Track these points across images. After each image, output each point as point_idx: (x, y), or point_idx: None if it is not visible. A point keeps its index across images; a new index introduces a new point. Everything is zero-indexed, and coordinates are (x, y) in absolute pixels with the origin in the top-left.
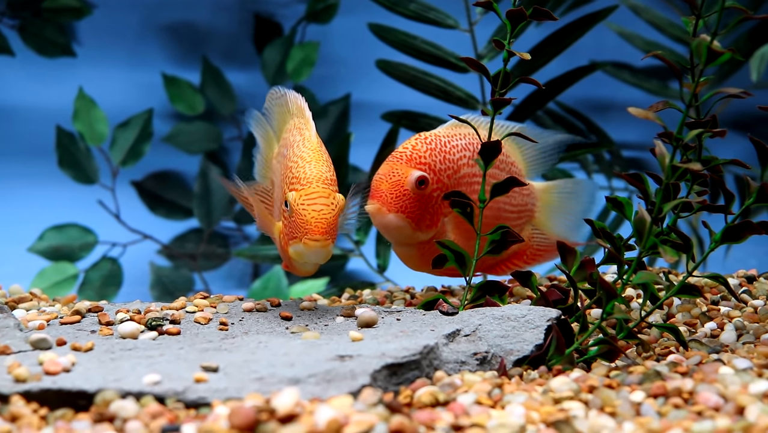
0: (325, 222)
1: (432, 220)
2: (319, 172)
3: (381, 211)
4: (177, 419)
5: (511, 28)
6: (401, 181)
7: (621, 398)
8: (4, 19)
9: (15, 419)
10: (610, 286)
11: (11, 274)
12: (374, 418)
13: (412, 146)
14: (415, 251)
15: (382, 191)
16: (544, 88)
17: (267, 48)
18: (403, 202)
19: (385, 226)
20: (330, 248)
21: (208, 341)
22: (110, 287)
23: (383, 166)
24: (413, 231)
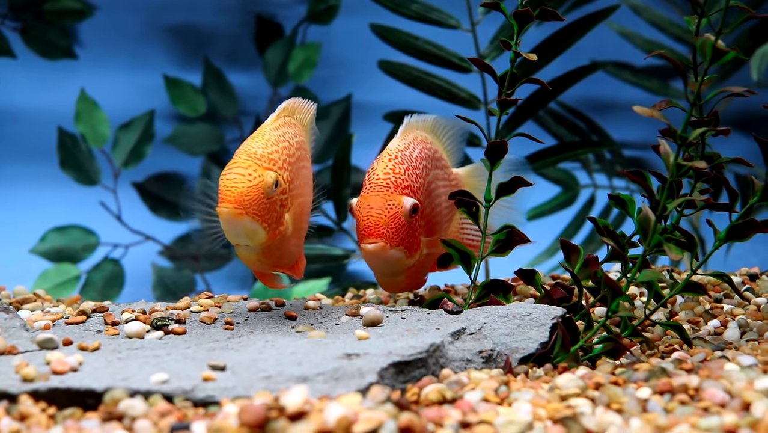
0: (236, 192)
1: (418, 243)
2: (249, 146)
3: (384, 249)
4: (185, 418)
5: (518, 28)
6: (398, 213)
7: (627, 395)
8: (6, 22)
9: (24, 418)
10: (616, 284)
11: (13, 275)
12: (383, 415)
13: (392, 171)
14: (404, 277)
15: (380, 227)
16: (551, 89)
17: (269, 49)
18: (402, 234)
19: (387, 261)
20: (246, 222)
21: (215, 340)
22: (112, 288)
23: (371, 198)
24: (407, 260)
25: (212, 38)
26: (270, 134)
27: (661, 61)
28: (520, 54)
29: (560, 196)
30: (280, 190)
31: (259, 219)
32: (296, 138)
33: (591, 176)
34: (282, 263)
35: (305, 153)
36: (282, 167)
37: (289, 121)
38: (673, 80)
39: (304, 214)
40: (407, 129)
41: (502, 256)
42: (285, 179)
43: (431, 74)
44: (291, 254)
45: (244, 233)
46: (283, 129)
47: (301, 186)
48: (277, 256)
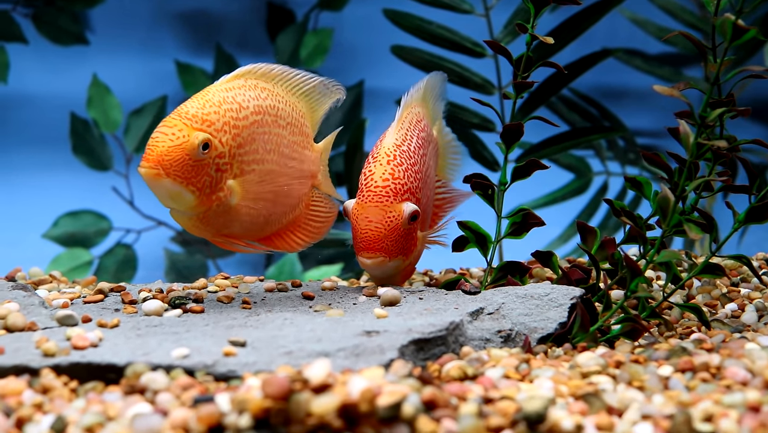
0: (156, 152)
1: (416, 241)
2: (184, 105)
3: (384, 263)
4: (207, 391)
5: (534, 11)
6: (397, 224)
7: (649, 373)
8: (18, 8)
9: (46, 391)
10: (635, 264)
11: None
12: (407, 388)
13: (391, 176)
14: (400, 274)
15: (379, 241)
16: (566, 72)
17: (280, 35)
18: (401, 243)
19: (385, 271)
20: (166, 183)
21: (233, 318)
22: (125, 273)
23: (370, 209)
24: (404, 263)
25: (223, 24)
26: (213, 94)
27: (673, 49)
28: (537, 37)
29: (573, 183)
30: (215, 154)
31: (182, 182)
32: (256, 102)
33: (604, 163)
34: (234, 232)
35: (275, 119)
36: (221, 129)
37: (253, 84)
38: (685, 68)
39: (270, 183)
40: (404, 112)
41: (518, 238)
42: (224, 142)
43: (444, 59)
44: (247, 224)
45: (167, 195)
46: (238, 91)
47: (266, 153)
48: (221, 224)
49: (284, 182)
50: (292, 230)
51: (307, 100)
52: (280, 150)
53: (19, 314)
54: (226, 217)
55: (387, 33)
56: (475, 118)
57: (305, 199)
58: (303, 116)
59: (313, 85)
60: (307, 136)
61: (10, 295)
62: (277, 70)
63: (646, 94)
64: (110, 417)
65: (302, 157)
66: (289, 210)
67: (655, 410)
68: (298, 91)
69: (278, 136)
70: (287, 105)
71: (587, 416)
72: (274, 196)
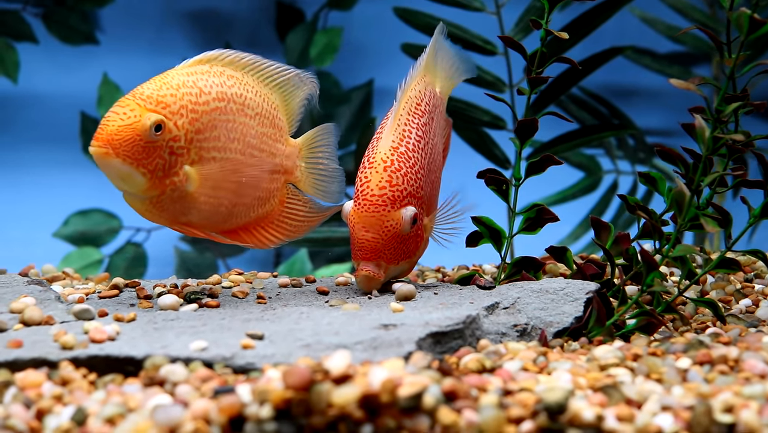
0: (106, 131)
1: (420, 239)
2: (140, 86)
3: (380, 276)
4: (226, 384)
5: (548, 7)
6: (396, 232)
7: (667, 366)
8: (28, 8)
9: (66, 383)
10: (652, 258)
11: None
12: (427, 379)
13: (389, 183)
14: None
15: (377, 252)
16: (581, 68)
17: (290, 34)
18: (402, 248)
19: (386, 278)
20: (115, 163)
21: (249, 313)
22: (135, 271)
23: (366, 218)
24: (409, 264)
25: (233, 23)
26: (173, 77)
27: (682, 48)
28: (552, 32)
29: (583, 181)
30: (169, 137)
31: (132, 163)
32: (220, 89)
33: (614, 162)
34: (192, 221)
35: (241, 108)
36: (176, 112)
37: (220, 71)
38: (695, 66)
39: (233, 172)
40: (401, 100)
41: (532, 234)
42: (179, 126)
43: None
44: (206, 213)
45: (117, 176)
46: (200, 76)
47: (229, 141)
48: (177, 211)
49: (250, 173)
50: (263, 225)
51: (281, 92)
52: (245, 140)
53: (36, 307)
54: (183, 204)
55: (396, 32)
56: (486, 115)
57: (279, 195)
58: (276, 108)
59: (288, 77)
60: (280, 129)
61: (26, 290)
62: (247, 59)
63: (655, 92)
64: (131, 408)
65: (273, 150)
66: (258, 204)
67: (674, 401)
68: (271, 83)
69: (244, 125)
70: (257, 95)
71: (606, 407)
72: (238, 186)
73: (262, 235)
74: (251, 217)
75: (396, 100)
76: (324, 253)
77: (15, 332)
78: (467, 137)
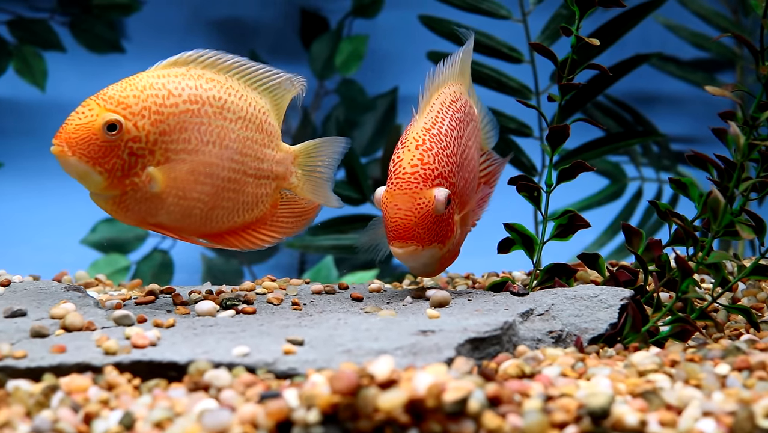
0: (65, 130)
1: (452, 228)
2: (107, 87)
3: (417, 252)
4: (269, 389)
5: (579, 13)
6: (428, 211)
7: (705, 372)
8: (56, 16)
9: (111, 388)
10: (688, 264)
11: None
12: (471, 384)
13: (420, 162)
14: (438, 264)
15: (410, 230)
16: (611, 74)
17: (315, 42)
18: (434, 231)
19: (419, 261)
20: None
21: (286, 319)
22: (162, 277)
23: (398, 197)
24: (441, 251)
25: (257, 32)
26: (141, 79)
27: (706, 54)
28: (583, 39)
29: (608, 189)
30: (128, 137)
31: (88, 161)
32: (194, 91)
33: (638, 169)
34: (163, 222)
35: (219, 111)
36: (137, 113)
37: (198, 74)
38: (719, 73)
39: (207, 176)
40: (432, 92)
41: (564, 240)
42: (140, 127)
43: (481, 64)
44: (177, 215)
45: (75, 174)
46: (172, 78)
47: (202, 144)
48: (144, 211)
49: (229, 177)
50: (254, 228)
51: (273, 96)
52: (224, 143)
53: (77, 313)
54: (149, 204)
55: (420, 40)
56: (512, 123)
57: (269, 200)
58: (265, 113)
59: (279, 80)
60: (269, 134)
61: (64, 296)
62: (232, 62)
63: (679, 99)
64: (178, 413)
65: (260, 154)
66: (243, 209)
67: (715, 406)
68: (260, 86)
69: (222, 128)
70: (241, 99)
71: (647, 413)
72: (215, 190)
73: (250, 238)
74: (236, 222)
75: (425, 88)
76: (350, 260)
77: (57, 337)
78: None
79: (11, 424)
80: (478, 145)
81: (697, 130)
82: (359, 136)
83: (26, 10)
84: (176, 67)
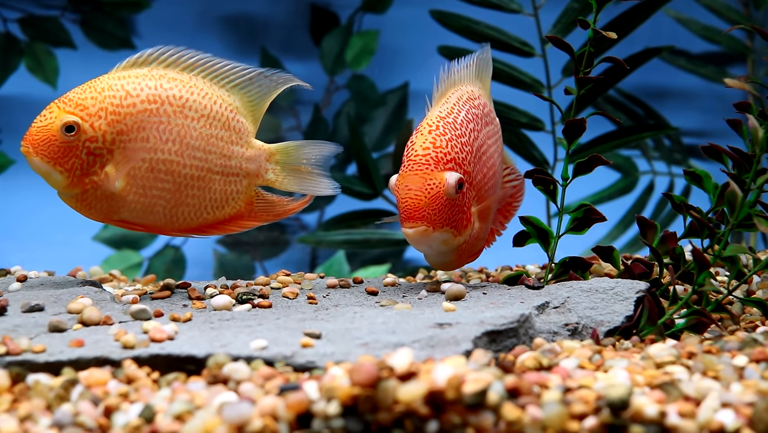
0: (29, 130)
1: (468, 217)
2: (71, 90)
3: (426, 233)
4: (288, 382)
5: (597, 6)
6: (439, 192)
7: (723, 363)
8: (67, 14)
9: (131, 382)
10: (704, 257)
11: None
12: (490, 376)
13: (432, 144)
14: (455, 255)
15: (421, 210)
16: (628, 67)
17: (326, 37)
18: (446, 214)
19: (430, 244)
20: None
21: (302, 312)
22: (174, 273)
23: (410, 177)
24: (455, 239)
25: (268, 28)
26: (101, 80)
27: (717, 48)
28: (600, 32)
29: (619, 182)
30: (85, 138)
31: (49, 161)
32: (153, 91)
33: (650, 163)
34: (128, 219)
35: (180, 110)
36: (94, 114)
37: (159, 74)
38: (730, 66)
39: (168, 173)
40: (448, 86)
41: (579, 234)
42: (96, 127)
43: (493, 59)
44: (139, 212)
45: (39, 173)
46: (131, 79)
47: (161, 143)
48: (107, 209)
49: (192, 174)
50: (231, 223)
51: (243, 94)
52: (185, 141)
53: (95, 308)
54: (111, 202)
55: (429, 35)
56: (524, 117)
57: (242, 197)
58: (233, 110)
59: (249, 77)
60: (238, 131)
61: (81, 290)
62: (194, 60)
63: (689, 93)
64: (198, 406)
65: (227, 152)
66: (211, 206)
67: (734, 398)
68: (228, 84)
69: (183, 126)
70: (204, 97)
71: (665, 404)
72: (176, 187)
73: (230, 229)
74: (206, 218)
75: (440, 81)
76: (362, 255)
77: (74, 331)
78: (506, 139)
79: (32, 417)
80: (500, 150)
81: (708, 124)
82: (370, 132)
83: (37, 8)
84: (137, 67)
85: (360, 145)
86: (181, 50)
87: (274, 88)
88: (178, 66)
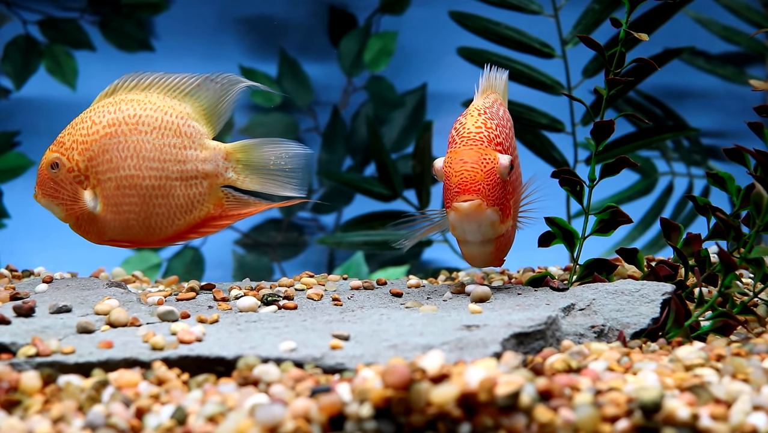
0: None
1: (510, 208)
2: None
3: (481, 208)
4: (319, 384)
5: (629, 7)
6: (494, 168)
7: (752, 366)
8: (86, 16)
9: (161, 383)
10: (731, 258)
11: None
12: (522, 379)
13: (484, 125)
14: (493, 247)
15: (477, 183)
16: (657, 68)
17: (344, 39)
18: (498, 193)
19: (481, 223)
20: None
21: (328, 314)
22: (193, 274)
23: (464, 152)
24: (500, 226)
25: (286, 29)
26: (79, 117)
27: (736, 48)
28: (632, 33)
29: (639, 184)
30: (66, 169)
31: (49, 198)
32: (111, 116)
33: (669, 164)
34: (115, 237)
35: (134, 127)
36: (69, 147)
37: (119, 99)
38: (749, 67)
39: (131, 188)
40: (488, 87)
41: (605, 235)
42: (71, 159)
43: (513, 60)
44: (120, 229)
45: (46, 209)
46: (97, 110)
47: (121, 160)
48: (97, 230)
49: (152, 185)
50: (208, 225)
51: (194, 100)
52: (141, 155)
53: (122, 309)
54: (96, 224)
55: (448, 36)
56: (544, 118)
57: (209, 199)
58: (183, 117)
59: (197, 84)
60: (189, 136)
61: (108, 292)
62: (151, 79)
63: (707, 94)
64: (230, 408)
65: (181, 157)
66: (180, 211)
67: (765, 401)
68: (179, 94)
69: (138, 142)
70: (156, 110)
71: (696, 407)
72: (142, 199)
73: (206, 231)
74: (179, 225)
75: (484, 78)
76: (380, 256)
77: (102, 333)
78: (526, 140)
79: (65, 418)
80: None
81: (727, 125)
82: (388, 133)
83: (56, 10)
84: (107, 97)
85: (379, 146)
86: (140, 74)
87: (223, 90)
88: (138, 87)
